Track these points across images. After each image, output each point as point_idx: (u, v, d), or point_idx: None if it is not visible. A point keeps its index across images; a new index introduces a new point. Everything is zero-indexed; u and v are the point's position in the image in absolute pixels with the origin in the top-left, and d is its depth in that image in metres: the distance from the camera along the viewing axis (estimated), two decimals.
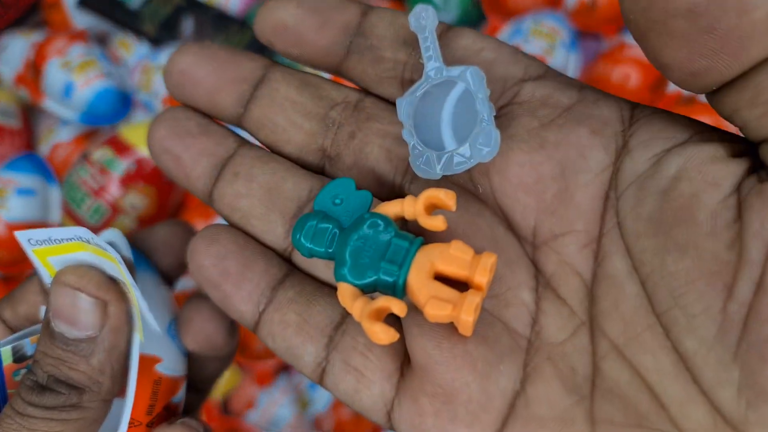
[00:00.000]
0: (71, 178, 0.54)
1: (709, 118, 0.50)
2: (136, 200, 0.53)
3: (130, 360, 0.20)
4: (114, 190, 0.53)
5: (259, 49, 0.60)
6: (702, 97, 0.53)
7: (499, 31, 0.60)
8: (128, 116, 0.62)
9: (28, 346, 0.21)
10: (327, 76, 0.22)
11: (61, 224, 0.59)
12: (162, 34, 0.61)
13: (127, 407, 0.19)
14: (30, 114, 0.67)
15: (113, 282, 0.19)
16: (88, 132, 0.62)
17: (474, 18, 0.65)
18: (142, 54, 0.62)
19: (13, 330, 0.21)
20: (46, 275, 0.20)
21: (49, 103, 0.59)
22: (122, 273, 0.19)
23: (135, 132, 0.54)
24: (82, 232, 0.19)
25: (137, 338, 0.20)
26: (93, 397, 0.19)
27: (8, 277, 0.60)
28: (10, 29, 0.68)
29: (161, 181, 0.54)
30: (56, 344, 0.19)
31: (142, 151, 0.53)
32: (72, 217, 0.54)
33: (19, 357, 0.20)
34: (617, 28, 0.62)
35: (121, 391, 0.20)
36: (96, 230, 0.53)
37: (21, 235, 0.19)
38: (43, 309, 0.20)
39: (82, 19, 0.65)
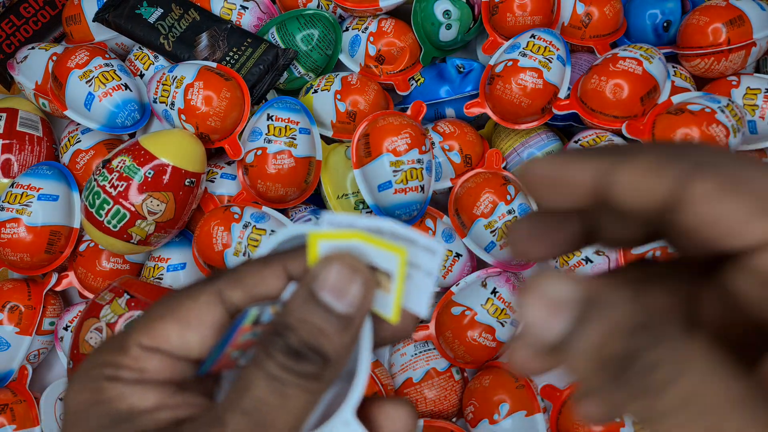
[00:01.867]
0: (92, 184, 0.56)
1: (697, 131, 0.52)
2: (155, 206, 0.56)
3: (362, 339, 0.22)
4: (133, 195, 0.55)
5: (271, 64, 0.63)
6: (693, 107, 0.55)
7: (497, 46, 0.63)
8: (147, 126, 0.64)
9: (267, 314, 0.22)
10: None
11: (81, 229, 0.62)
12: (178, 48, 0.64)
13: (362, 377, 0.21)
14: (51, 123, 0.69)
15: (373, 271, 0.21)
16: (108, 140, 0.64)
17: (475, 35, 0.68)
18: (160, 66, 0.65)
19: (232, 313, 0.22)
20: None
21: (71, 114, 0.61)
22: (402, 264, 0.21)
23: (153, 140, 0.56)
24: (386, 223, 0.20)
25: (369, 324, 0.22)
26: (333, 371, 0.20)
27: (30, 279, 0.63)
28: (30, 42, 0.71)
29: (179, 187, 0.56)
30: (319, 313, 0.20)
31: (160, 158, 0.55)
32: (92, 222, 0.56)
33: (255, 321, 0.21)
34: (610, 42, 0.65)
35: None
36: (115, 235, 0.55)
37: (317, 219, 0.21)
38: (290, 285, 0.22)
39: (101, 33, 0.68)
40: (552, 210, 0.21)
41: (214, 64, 0.61)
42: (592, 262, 0.59)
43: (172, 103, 0.59)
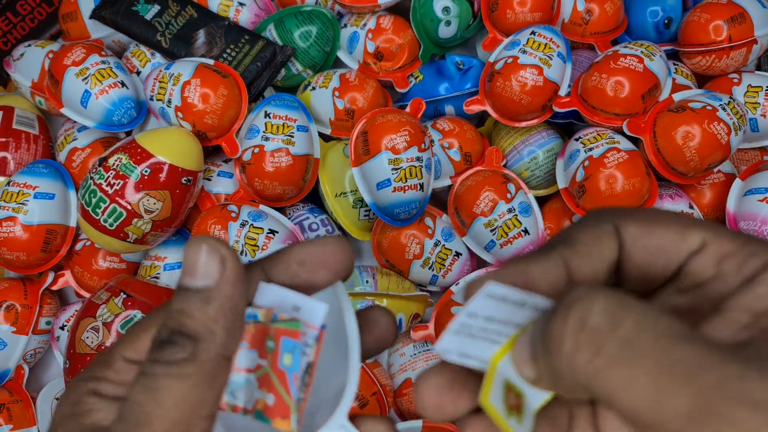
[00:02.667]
0: (88, 183, 0.56)
1: (698, 129, 0.52)
2: (151, 204, 0.55)
3: (350, 341, 0.21)
4: (129, 194, 0.55)
5: (268, 61, 0.62)
6: (694, 104, 0.55)
7: (497, 43, 0.62)
8: (143, 123, 0.64)
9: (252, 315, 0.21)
10: None
11: (77, 227, 0.61)
12: (175, 45, 0.63)
13: (353, 379, 0.21)
14: (48, 120, 0.69)
15: (224, 243, 0.20)
16: (104, 138, 0.64)
17: (474, 31, 0.67)
18: (156, 64, 0.65)
19: None
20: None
21: (67, 111, 0.61)
22: None
23: (150, 138, 0.56)
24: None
25: (354, 325, 0.21)
26: (208, 347, 0.19)
27: (26, 278, 0.62)
28: (26, 39, 0.70)
29: (175, 186, 0.56)
30: (179, 298, 0.20)
31: (157, 156, 0.55)
32: (88, 220, 0.56)
33: None
34: (611, 39, 0.65)
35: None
36: (112, 233, 0.54)
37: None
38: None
39: (98, 30, 0.67)
40: None
41: (211, 62, 0.60)
42: None
43: (169, 101, 0.58)
